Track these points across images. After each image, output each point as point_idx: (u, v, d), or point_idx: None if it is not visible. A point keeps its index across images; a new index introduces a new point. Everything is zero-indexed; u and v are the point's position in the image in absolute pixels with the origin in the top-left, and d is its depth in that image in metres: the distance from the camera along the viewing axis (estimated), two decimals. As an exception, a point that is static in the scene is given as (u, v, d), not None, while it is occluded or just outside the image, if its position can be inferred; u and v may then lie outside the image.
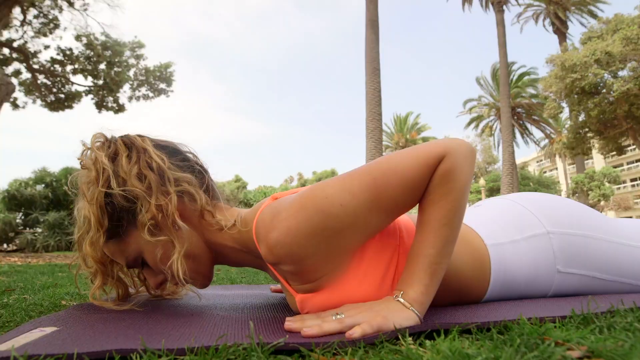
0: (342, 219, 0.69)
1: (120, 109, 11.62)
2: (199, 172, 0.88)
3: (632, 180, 37.70)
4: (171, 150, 0.87)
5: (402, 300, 0.69)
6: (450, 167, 0.70)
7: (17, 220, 11.31)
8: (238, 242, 0.82)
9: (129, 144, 0.83)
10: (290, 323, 0.68)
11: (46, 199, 11.68)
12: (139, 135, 0.87)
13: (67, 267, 3.13)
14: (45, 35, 10.37)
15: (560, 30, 22.70)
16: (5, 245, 11.36)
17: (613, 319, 0.67)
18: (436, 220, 0.70)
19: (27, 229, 11.23)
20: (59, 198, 12.09)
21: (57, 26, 10.41)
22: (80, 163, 0.84)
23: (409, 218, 0.86)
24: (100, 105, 11.42)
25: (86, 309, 0.89)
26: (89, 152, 0.84)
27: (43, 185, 12.02)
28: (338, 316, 0.67)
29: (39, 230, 10.91)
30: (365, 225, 0.71)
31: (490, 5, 18.54)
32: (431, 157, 0.70)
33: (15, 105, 10.63)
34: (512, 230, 0.93)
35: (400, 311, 0.67)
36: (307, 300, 0.76)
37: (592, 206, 21.24)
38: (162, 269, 0.81)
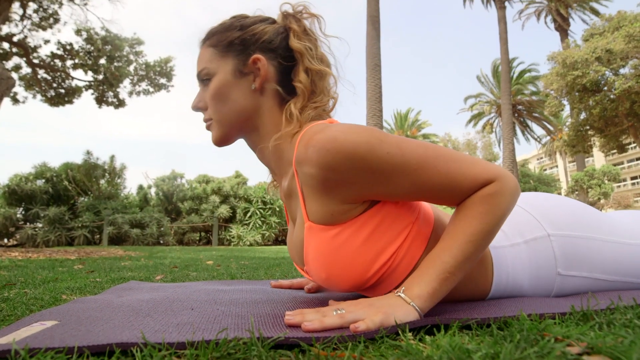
0: (381, 164, 0.70)
1: (120, 103, 11.59)
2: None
3: (632, 178, 37.68)
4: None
5: (403, 295, 0.69)
6: (496, 192, 0.72)
7: (18, 215, 11.32)
8: (283, 136, 0.84)
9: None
10: (290, 317, 0.68)
11: (46, 194, 11.70)
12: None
13: (67, 262, 3.14)
14: (44, 29, 10.34)
15: (562, 27, 22.62)
16: (5, 240, 11.38)
17: (613, 316, 0.67)
18: (464, 234, 0.71)
19: (28, 223, 11.24)
20: (59, 193, 12.11)
21: (56, 20, 10.37)
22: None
23: (430, 207, 0.86)
24: (100, 100, 11.40)
25: (87, 303, 0.90)
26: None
27: (43, 181, 12.03)
28: (339, 311, 0.67)
29: (40, 225, 10.92)
30: (394, 183, 0.72)
31: (492, 2, 18.48)
32: (484, 173, 0.73)
33: (15, 100, 10.61)
34: (513, 233, 0.92)
35: (401, 306, 0.67)
36: (314, 232, 0.77)
37: (592, 204, 21.21)
38: (212, 96, 0.86)
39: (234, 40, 0.86)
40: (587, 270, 0.93)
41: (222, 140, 0.90)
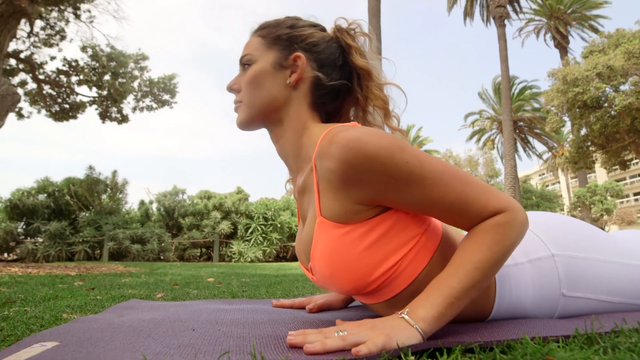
0: (398, 171, 0.71)
1: (124, 119, 11.70)
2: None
3: (635, 194, 37.57)
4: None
5: (407, 317, 0.69)
6: (506, 222, 0.73)
7: (19, 230, 11.31)
8: (308, 132, 0.88)
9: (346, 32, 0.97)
10: (292, 338, 0.68)
11: (48, 208, 11.72)
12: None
13: (67, 278, 3.13)
14: (51, 46, 10.50)
15: (562, 45, 22.86)
16: (5, 255, 11.34)
17: (617, 339, 0.66)
18: (472, 261, 0.72)
19: (28, 238, 11.23)
20: (60, 208, 12.12)
21: (63, 37, 10.55)
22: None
23: (440, 222, 0.86)
24: (104, 116, 11.51)
25: (87, 323, 0.89)
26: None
27: (45, 195, 12.05)
28: (341, 333, 0.67)
29: (40, 240, 10.91)
30: (408, 192, 0.73)
31: (492, 20, 18.71)
32: (497, 202, 0.74)
33: (20, 115, 10.72)
34: (517, 252, 0.92)
35: (404, 329, 0.67)
36: (324, 228, 0.78)
37: (595, 220, 21.10)
38: (248, 80, 0.90)
39: (281, 35, 0.91)
40: (591, 292, 0.92)
41: (245, 123, 0.93)
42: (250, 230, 13.03)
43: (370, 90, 0.93)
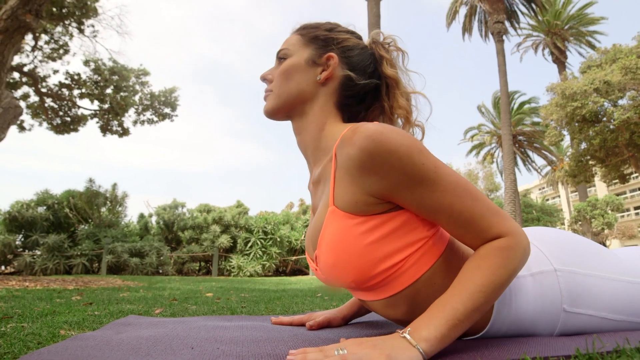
0: (413, 170, 0.74)
1: (124, 132, 11.75)
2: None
3: (635, 208, 37.50)
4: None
5: (408, 337, 0.68)
6: (510, 246, 0.75)
7: (17, 242, 11.25)
8: (330, 127, 0.93)
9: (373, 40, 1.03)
10: (292, 358, 0.67)
11: (47, 221, 11.68)
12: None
13: (65, 292, 3.10)
14: (54, 60, 10.61)
15: (560, 60, 23.10)
16: (3, 268, 11.27)
17: (619, 359, 0.66)
18: (475, 284, 0.72)
19: (27, 251, 11.17)
20: (60, 220, 12.08)
21: (66, 52, 10.66)
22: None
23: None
24: (105, 129, 11.56)
25: (85, 340, 0.88)
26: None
27: (44, 208, 12.03)
28: (341, 352, 0.66)
29: (38, 252, 10.85)
30: (418, 193, 0.75)
31: (490, 35, 18.92)
32: (502, 224, 0.76)
33: (21, 128, 10.77)
34: None
35: (405, 349, 0.66)
36: (335, 217, 0.80)
37: (596, 235, 21.03)
38: (281, 72, 0.96)
39: (319, 36, 0.98)
40: (593, 309, 0.91)
41: (271, 111, 0.98)
42: (249, 244, 12.97)
43: (396, 99, 0.97)
